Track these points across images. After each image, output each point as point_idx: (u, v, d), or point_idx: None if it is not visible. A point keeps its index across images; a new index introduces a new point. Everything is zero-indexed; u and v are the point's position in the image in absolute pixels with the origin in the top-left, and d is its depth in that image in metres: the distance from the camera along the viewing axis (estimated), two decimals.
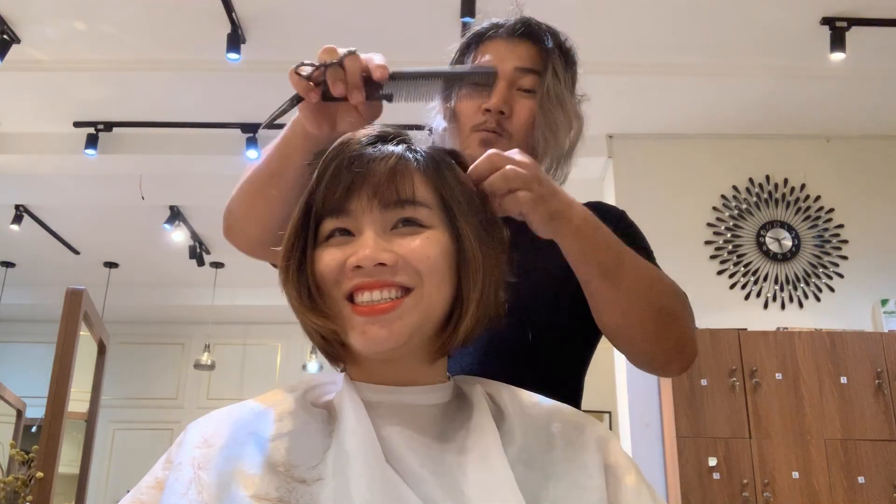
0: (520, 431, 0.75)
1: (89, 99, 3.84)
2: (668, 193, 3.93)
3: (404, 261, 0.72)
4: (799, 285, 3.82)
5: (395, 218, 0.73)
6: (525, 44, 1.14)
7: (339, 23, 3.29)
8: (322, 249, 0.75)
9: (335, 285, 0.73)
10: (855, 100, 3.78)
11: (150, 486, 0.71)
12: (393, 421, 0.72)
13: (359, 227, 0.73)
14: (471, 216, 0.76)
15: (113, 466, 6.44)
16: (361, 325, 0.72)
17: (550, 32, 1.16)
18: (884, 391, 3.34)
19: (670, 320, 0.94)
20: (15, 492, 2.80)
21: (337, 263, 0.73)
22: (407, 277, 0.72)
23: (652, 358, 0.98)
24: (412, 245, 0.72)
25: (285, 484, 0.66)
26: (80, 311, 2.76)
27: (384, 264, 0.71)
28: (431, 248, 0.73)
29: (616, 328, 0.94)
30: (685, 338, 0.96)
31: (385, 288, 0.72)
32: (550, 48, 1.14)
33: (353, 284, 0.72)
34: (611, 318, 0.93)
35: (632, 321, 0.92)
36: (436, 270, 0.73)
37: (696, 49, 3.48)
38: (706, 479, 3.21)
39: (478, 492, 0.67)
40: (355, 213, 0.73)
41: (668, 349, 0.96)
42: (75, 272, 5.89)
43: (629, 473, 0.75)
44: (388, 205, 0.73)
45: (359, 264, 0.71)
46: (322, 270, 0.74)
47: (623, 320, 0.92)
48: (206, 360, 6.08)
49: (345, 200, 0.73)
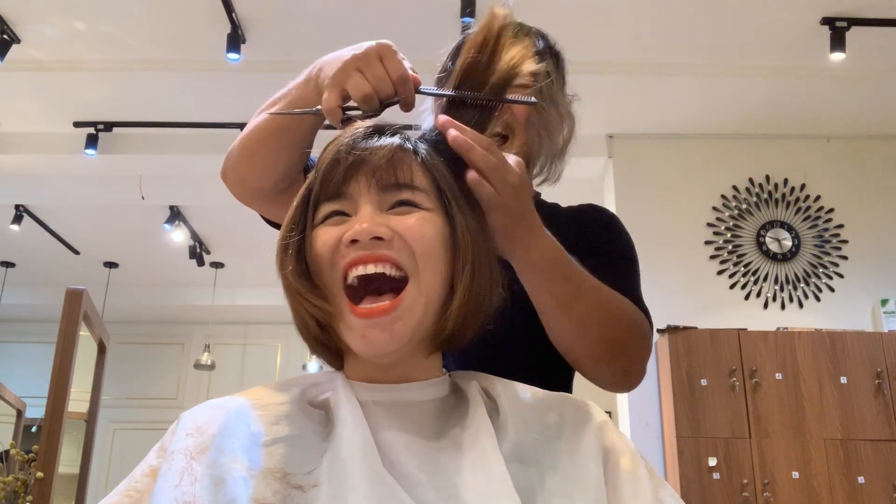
0: (514, 425, 0.75)
1: (89, 99, 3.84)
2: (668, 193, 3.93)
3: (400, 237, 0.72)
4: (799, 285, 3.82)
5: (393, 199, 0.74)
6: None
7: (338, 23, 3.29)
8: (318, 229, 0.75)
9: (331, 267, 0.73)
10: (855, 100, 3.78)
11: (145, 473, 0.71)
12: (390, 421, 0.72)
13: (355, 208, 0.73)
14: (465, 207, 0.77)
15: (113, 466, 6.44)
16: (361, 329, 0.71)
17: (541, 35, 1.17)
18: (884, 391, 3.34)
19: (619, 349, 0.95)
20: (15, 492, 2.79)
21: (333, 241, 0.73)
22: (402, 256, 0.72)
23: (597, 377, 1.00)
24: (408, 222, 0.72)
25: (282, 489, 0.66)
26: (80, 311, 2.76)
27: (380, 238, 0.71)
28: (427, 227, 0.73)
29: (565, 350, 0.95)
30: (633, 364, 0.98)
31: (380, 262, 0.71)
32: (542, 49, 1.14)
33: (349, 260, 0.71)
34: (560, 341, 0.94)
35: (580, 348, 0.93)
36: (431, 252, 0.73)
37: (696, 49, 3.48)
38: (706, 479, 3.21)
39: (474, 496, 0.67)
40: (353, 195, 0.74)
41: (615, 373, 0.98)
42: (75, 272, 5.89)
43: (624, 457, 0.74)
44: (386, 187, 0.73)
45: (355, 237, 0.71)
46: (319, 249, 0.73)
47: (572, 345, 0.94)
48: (206, 360, 6.08)
49: (343, 185, 0.74)
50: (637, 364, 0.99)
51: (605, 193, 4.08)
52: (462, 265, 0.74)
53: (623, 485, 0.72)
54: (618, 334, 0.94)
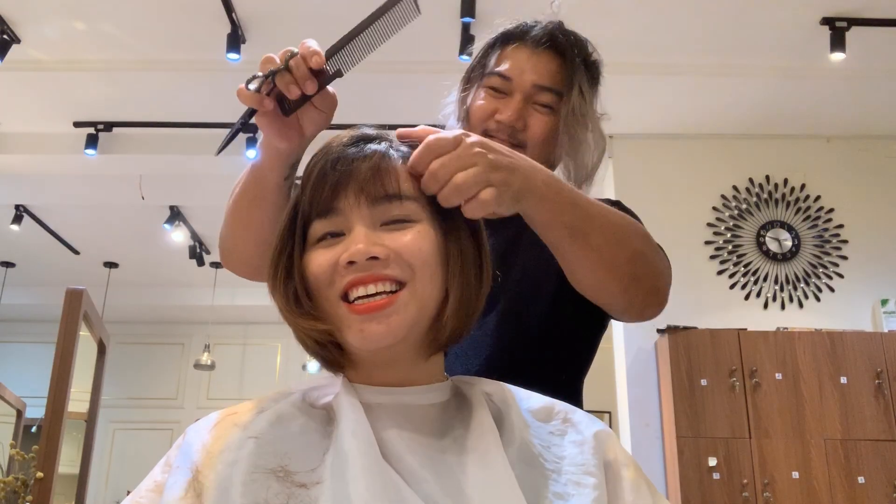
0: (519, 430, 0.75)
1: (89, 99, 3.84)
2: (668, 193, 3.93)
3: (396, 254, 0.72)
4: (799, 285, 3.82)
5: (384, 214, 0.74)
6: (548, 56, 1.12)
7: (338, 23, 3.26)
8: (313, 252, 0.75)
9: (329, 286, 0.73)
10: (855, 100, 3.78)
11: (150, 489, 0.71)
12: (392, 422, 0.72)
13: (349, 225, 0.73)
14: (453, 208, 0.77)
15: (113, 466, 6.44)
16: (359, 324, 0.71)
17: (578, 45, 1.13)
18: (884, 391, 3.34)
19: (643, 264, 0.91)
20: (15, 492, 2.80)
21: (329, 263, 0.73)
22: (399, 271, 0.72)
23: (630, 306, 0.95)
24: (404, 240, 0.73)
25: (285, 489, 0.66)
26: (80, 311, 2.76)
27: (377, 258, 0.71)
28: (423, 241, 0.73)
29: (593, 284, 0.91)
30: (658, 279, 0.94)
31: (379, 282, 0.71)
32: (576, 64, 1.11)
33: (347, 281, 0.72)
34: (586, 275, 0.90)
35: (607, 274, 0.89)
36: (428, 263, 0.73)
37: (696, 49, 3.48)
38: (706, 479, 3.21)
39: (479, 492, 0.67)
40: (344, 210, 0.74)
41: (644, 294, 0.94)
42: (75, 272, 5.89)
43: (627, 469, 0.75)
44: (375, 200, 0.73)
45: (351, 259, 0.71)
46: (315, 272, 0.74)
47: (599, 275, 0.89)
48: (206, 360, 6.08)
49: (332, 199, 0.74)
50: (662, 278, 0.95)
51: (605, 194, 4.08)
52: (454, 269, 0.75)
53: (625, 494, 0.73)
54: (637, 248, 0.90)
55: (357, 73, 0.88)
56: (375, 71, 3.46)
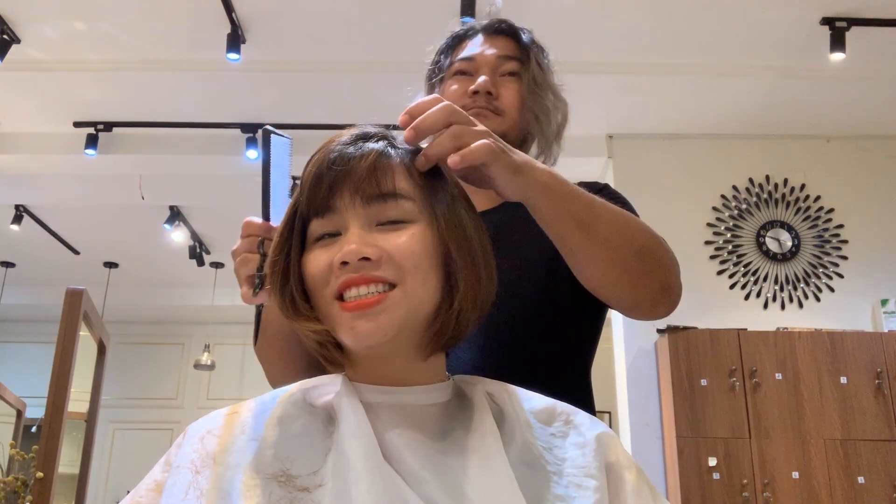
0: (520, 431, 0.75)
1: (89, 99, 3.84)
2: (668, 193, 3.93)
3: (388, 256, 0.72)
4: (799, 285, 3.82)
5: (380, 214, 0.74)
6: (503, 37, 1.21)
7: (338, 23, 3.29)
8: (311, 252, 0.75)
9: (325, 286, 0.73)
10: (855, 100, 3.78)
11: (150, 488, 0.71)
12: (393, 422, 0.72)
13: (344, 225, 0.74)
14: (454, 206, 0.77)
15: (113, 466, 6.44)
16: (349, 321, 0.72)
17: (525, 29, 1.22)
18: (884, 391, 3.34)
19: (652, 260, 0.91)
20: (15, 492, 2.80)
21: (325, 264, 0.73)
22: (391, 272, 0.72)
23: (639, 303, 0.95)
24: (398, 241, 0.73)
25: (287, 494, 0.66)
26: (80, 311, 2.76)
27: (368, 259, 0.71)
28: (416, 243, 0.73)
29: (601, 279, 0.91)
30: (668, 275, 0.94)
31: (371, 283, 0.72)
32: (529, 41, 1.20)
33: (341, 282, 0.72)
34: (594, 270, 0.90)
35: (616, 269, 0.89)
36: (420, 266, 0.73)
37: (696, 49, 3.48)
38: (706, 479, 3.21)
39: (479, 493, 0.67)
40: (340, 210, 0.74)
41: (654, 290, 0.94)
42: (75, 272, 5.89)
43: (629, 472, 0.75)
44: (370, 199, 0.73)
45: (344, 259, 0.71)
46: (312, 272, 0.74)
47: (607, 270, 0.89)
48: (206, 360, 6.08)
49: (328, 198, 0.74)
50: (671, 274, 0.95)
51: None
52: (455, 269, 0.75)
53: (627, 497, 0.73)
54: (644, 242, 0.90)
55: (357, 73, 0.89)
56: (375, 71, 3.46)
